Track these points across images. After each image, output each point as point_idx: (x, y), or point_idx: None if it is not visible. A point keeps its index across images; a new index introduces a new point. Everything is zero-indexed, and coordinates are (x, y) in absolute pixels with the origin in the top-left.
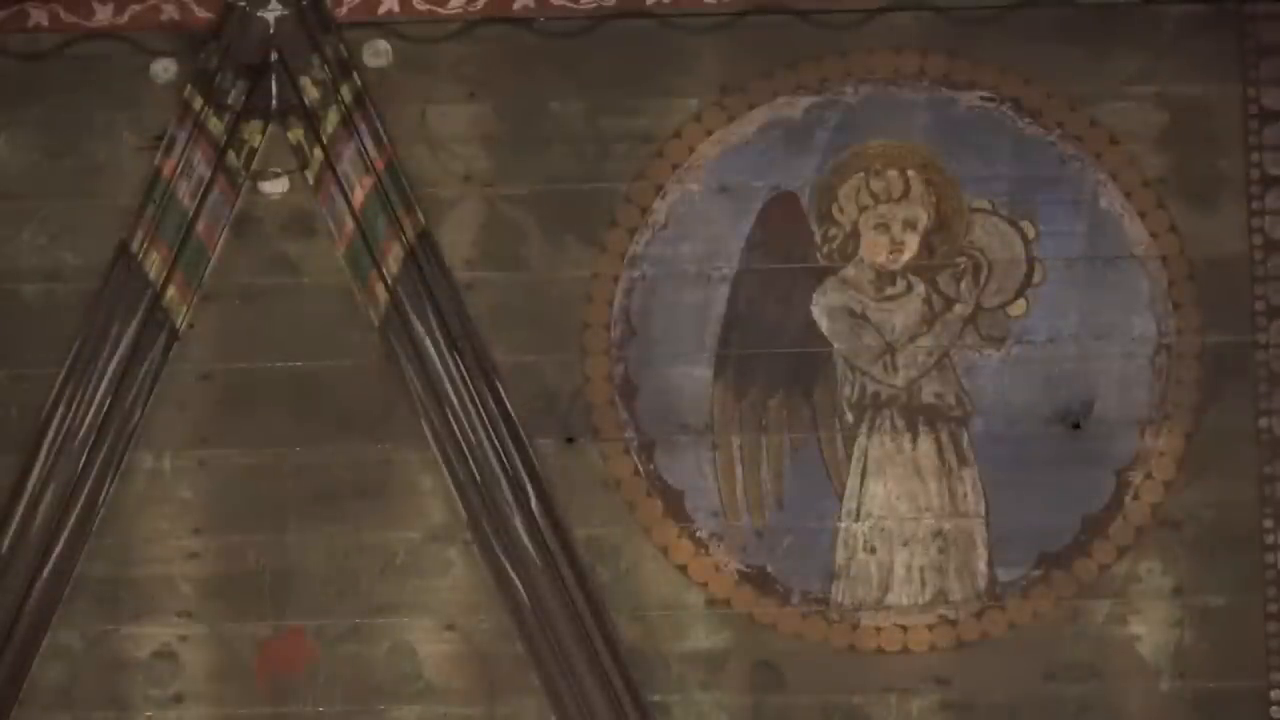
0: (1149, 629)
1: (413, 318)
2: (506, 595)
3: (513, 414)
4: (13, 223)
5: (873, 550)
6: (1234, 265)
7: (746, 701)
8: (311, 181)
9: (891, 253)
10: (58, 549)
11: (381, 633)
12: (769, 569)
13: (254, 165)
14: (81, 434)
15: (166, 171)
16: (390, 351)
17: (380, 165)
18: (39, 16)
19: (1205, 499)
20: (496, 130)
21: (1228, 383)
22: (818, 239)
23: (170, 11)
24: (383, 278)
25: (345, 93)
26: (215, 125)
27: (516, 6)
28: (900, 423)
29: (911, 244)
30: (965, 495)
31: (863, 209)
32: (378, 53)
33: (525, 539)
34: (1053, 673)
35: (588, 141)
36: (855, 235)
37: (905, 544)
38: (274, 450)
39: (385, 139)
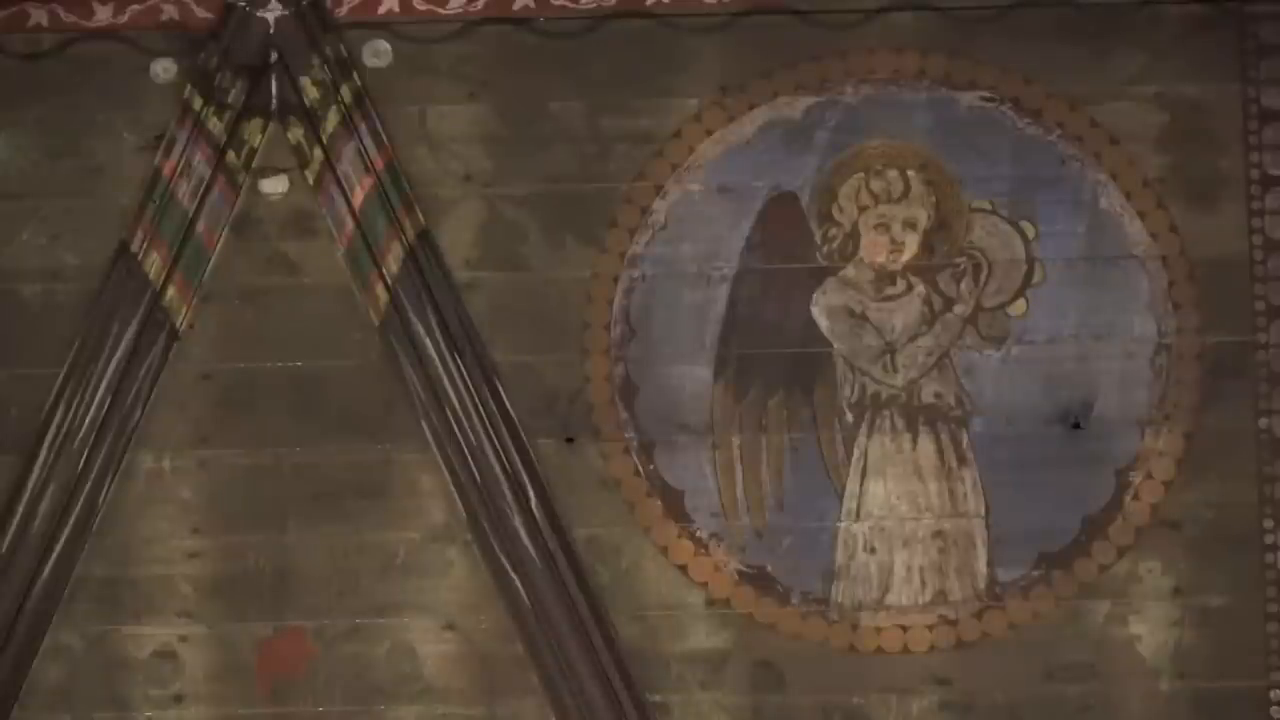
0: (1149, 629)
1: (413, 318)
2: (506, 595)
3: (513, 414)
4: (13, 223)
5: (873, 550)
6: (1234, 265)
7: (746, 701)
8: (311, 181)
9: (891, 253)
10: (58, 549)
11: (381, 633)
12: (769, 569)
13: (254, 165)
14: (81, 434)
15: (166, 171)
16: (390, 351)
17: (380, 165)
18: (39, 16)
19: (1205, 499)
20: (496, 130)
21: (1228, 383)
22: (818, 239)
23: (170, 11)
24: (383, 278)
25: (345, 93)
26: (215, 125)
27: (516, 6)
28: (900, 423)
29: (911, 244)
30: (965, 495)
31: (863, 209)
32: (378, 53)
33: (525, 539)
34: (1053, 673)
35: (588, 141)
36: (855, 235)
37: (905, 544)
38: (274, 450)
39: (385, 139)
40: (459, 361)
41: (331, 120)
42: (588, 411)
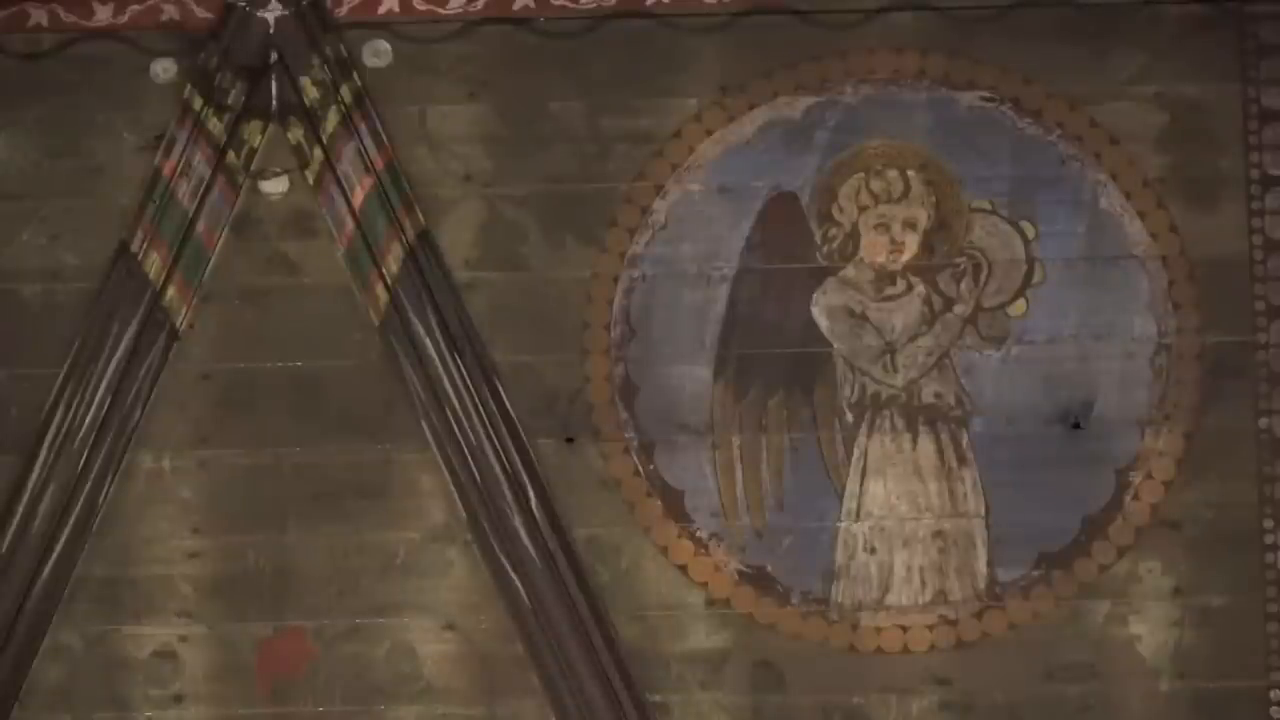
0: (1149, 629)
1: (413, 318)
2: (506, 595)
3: (513, 414)
4: (13, 223)
5: (873, 550)
6: (1234, 265)
7: (746, 701)
8: (311, 181)
9: (891, 253)
10: (58, 549)
11: (381, 633)
12: (769, 569)
13: (254, 165)
14: (81, 434)
15: (166, 171)
16: (390, 351)
17: (380, 165)
18: (39, 16)
19: (1205, 499)
20: (496, 130)
21: (1228, 383)
22: (818, 239)
23: (170, 12)
24: (383, 278)
25: (345, 93)
26: (215, 125)
27: (516, 6)
28: (900, 423)
29: (911, 244)
30: (965, 495)
31: (863, 209)
32: (378, 53)
33: (525, 539)
34: (1053, 673)
35: (588, 141)
36: (855, 235)
37: (905, 544)
38: (274, 450)
39: (385, 139)
40: (459, 361)
41: (331, 120)
42: (588, 411)
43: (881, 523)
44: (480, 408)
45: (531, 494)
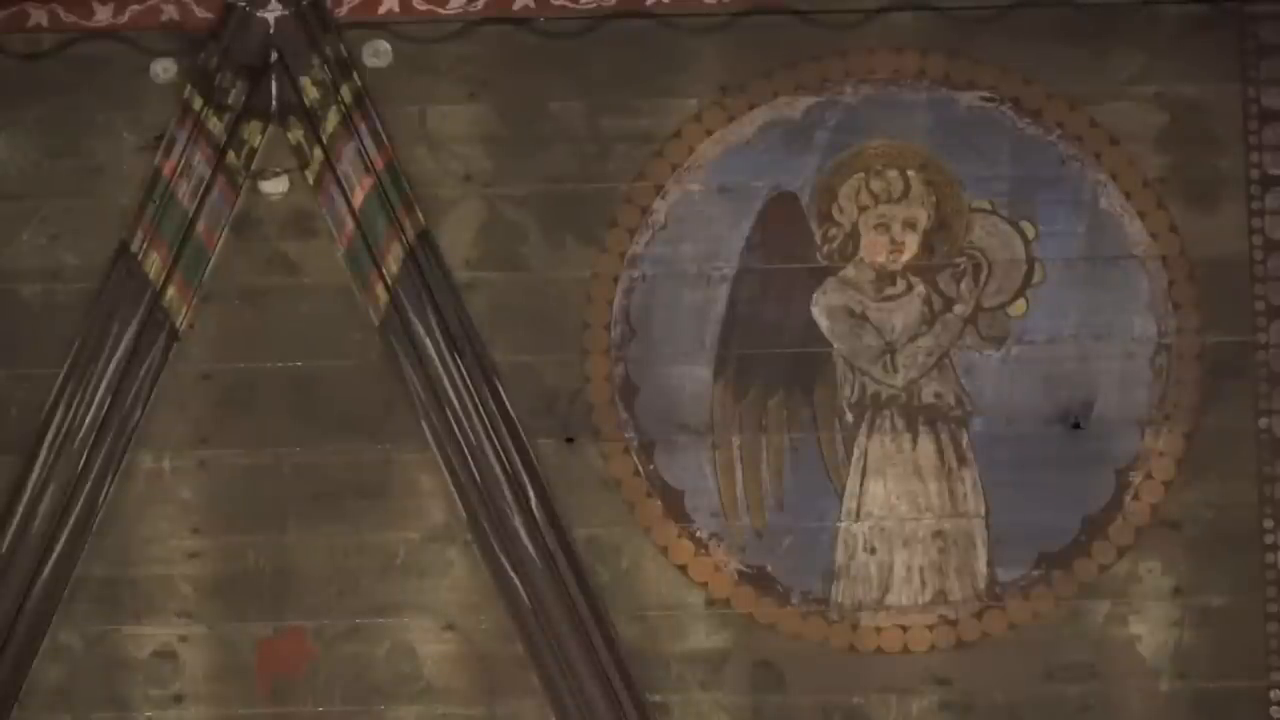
0: (1149, 629)
1: (413, 318)
2: (506, 595)
3: (513, 414)
4: (13, 223)
5: (873, 550)
6: (1234, 265)
7: (746, 701)
8: (311, 181)
9: (891, 253)
10: (58, 549)
11: (381, 633)
12: (769, 569)
13: (254, 165)
14: (81, 434)
15: (166, 171)
16: (390, 351)
17: (380, 165)
18: (39, 16)
19: (1205, 499)
20: (496, 130)
21: (1228, 383)
22: (818, 239)
23: (170, 12)
24: (383, 278)
25: (345, 93)
26: (215, 125)
27: (516, 6)
28: (900, 423)
29: (911, 244)
30: (965, 495)
31: (863, 209)
32: (378, 53)
33: (525, 539)
34: (1053, 673)
35: (588, 141)
36: (855, 235)
37: (905, 544)
38: (274, 450)
39: (385, 139)
40: (459, 361)
41: (331, 120)
42: (588, 411)
43: (881, 523)
44: (480, 408)
45: (531, 494)
